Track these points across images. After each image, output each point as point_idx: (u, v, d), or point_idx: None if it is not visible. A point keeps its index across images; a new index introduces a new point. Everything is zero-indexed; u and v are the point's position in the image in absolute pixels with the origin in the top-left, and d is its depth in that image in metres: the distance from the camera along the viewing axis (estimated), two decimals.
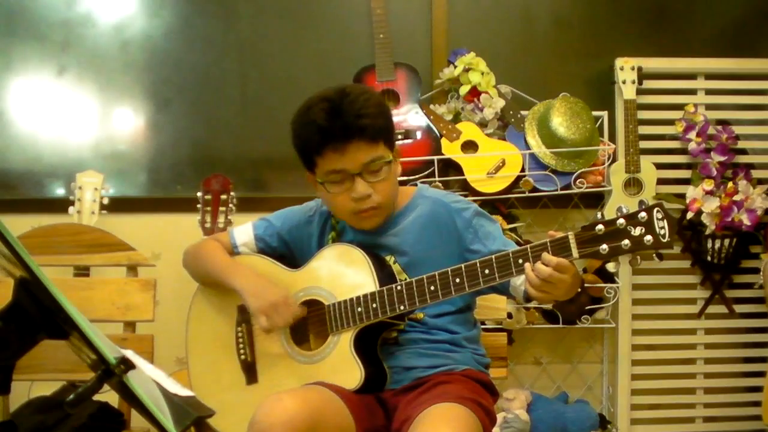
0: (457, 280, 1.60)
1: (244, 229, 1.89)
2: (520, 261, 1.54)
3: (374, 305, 1.66)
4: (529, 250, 1.53)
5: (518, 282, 1.65)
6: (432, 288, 1.62)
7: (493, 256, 1.57)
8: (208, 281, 1.87)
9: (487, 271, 1.57)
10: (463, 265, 1.60)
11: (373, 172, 1.68)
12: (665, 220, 1.44)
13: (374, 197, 1.68)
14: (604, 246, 1.47)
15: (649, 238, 1.44)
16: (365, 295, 1.66)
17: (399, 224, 1.77)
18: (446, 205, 1.77)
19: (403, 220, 1.77)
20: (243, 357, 1.81)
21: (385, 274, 1.69)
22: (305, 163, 1.73)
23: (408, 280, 1.66)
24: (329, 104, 1.65)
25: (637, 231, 1.45)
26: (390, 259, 1.75)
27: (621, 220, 1.46)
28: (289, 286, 1.77)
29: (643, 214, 1.45)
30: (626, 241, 1.45)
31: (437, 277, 1.62)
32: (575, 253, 1.49)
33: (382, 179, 1.68)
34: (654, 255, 1.48)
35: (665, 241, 1.44)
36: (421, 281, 1.63)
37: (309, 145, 1.68)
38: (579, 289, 1.71)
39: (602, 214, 1.52)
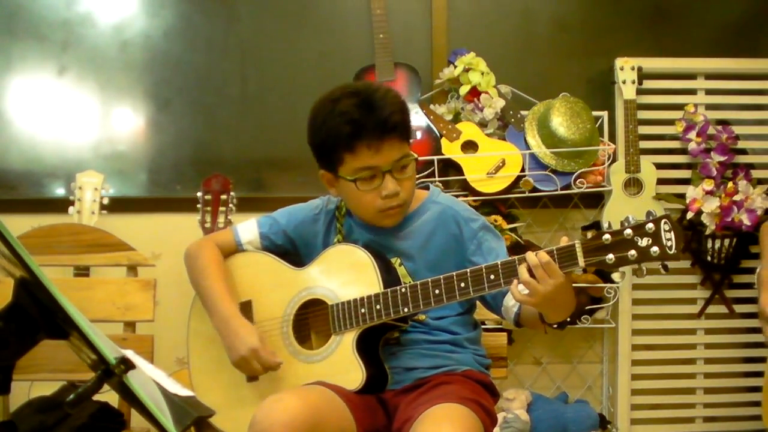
0: (462, 285, 1.60)
1: (248, 227, 1.88)
2: None
3: (378, 307, 1.65)
4: None
5: (510, 303, 1.67)
6: (437, 291, 1.62)
7: (498, 262, 1.57)
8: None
9: (492, 277, 1.57)
10: (468, 270, 1.60)
11: (402, 169, 1.67)
12: (672, 232, 1.44)
13: (401, 194, 1.68)
14: (611, 256, 1.47)
15: (655, 249, 1.44)
16: (369, 297, 1.66)
17: (408, 226, 1.77)
18: (456, 212, 1.77)
19: (412, 223, 1.77)
20: None
21: (389, 276, 1.69)
22: (326, 159, 1.69)
23: (412, 283, 1.66)
24: (360, 98, 1.62)
25: (643, 242, 1.45)
26: (396, 261, 1.75)
27: (628, 231, 1.46)
28: (293, 285, 1.78)
29: (650, 225, 1.45)
30: (633, 252, 1.45)
31: (442, 281, 1.62)
32: (581, 261, 1.48)
33: (408, 176, 1.69)
34: (660, 266, 1.48)
35: (672, 252, 1.44)
36: (426, 284, 1.63)
37: (338, 141, 1.63)
38: (568, 318, 1.71)
39: (609, 224, 1.51)
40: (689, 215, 2.98)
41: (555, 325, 1.66)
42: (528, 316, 1.66)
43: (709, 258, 3.05)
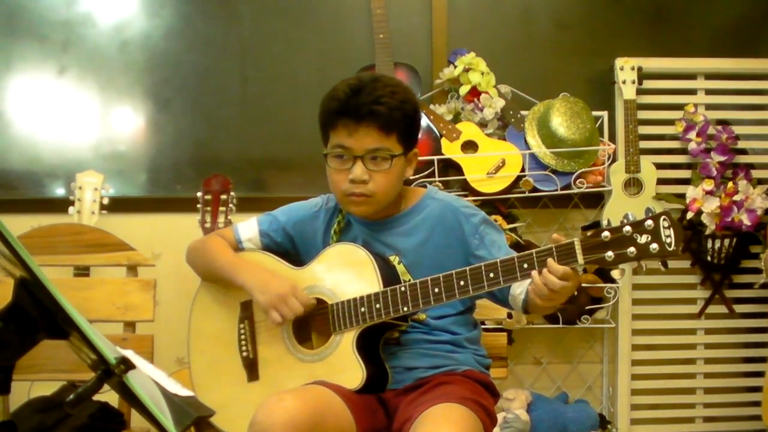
0: (462, 283, 1.60)
1: (248, 225, 1.89)
2: (525, 266, 1.54)
3: (378, 306, 1.66)
4: (534, 255, 1.54)
5: (517, 291, 1.66)
6: (436, 290, 1.62)
7: (498, 260, 1.58)
8: (213, 278, 1.87)
9: (491, 275, 1.57)
10: (467, 268, 1.60)
11: (375, 161, 1.68)
12: (671, 229, 1.45)
13: (369, 185, 1.69)
14: (610, 253, 1.47)
15: (654, 246, 1.44)
16: (369, 296, 1.67)
17: (406, 224, 1.77)
18: (455, 209, 1.77)
19: (411, 221, 1.78)
20: (245, 354, 1.81)
21: (389, 275, 1.69)
22: (322, 134, 1.75)
23: (412, 281, 1.66)
24: (356, 83, 1.68)
25: (643, 239, 1.45)
26: (394, 259, 1.75)
27: (627, 228, 1.46)
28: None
29: (649, 222, 1.45)
30: (632, 249, 1.46)
31: (441, 279, 1.62)
32: (580, 259, 1.49)
33: (382, 170, 1.69)
34: (659, 263, 1.48)
35: (671, 249, 1.44)
36: (426, 283, 1.63)
37: (326, 117, 1.71)
38: (575, 292, 1.71)
39: (608, 221, 1.51)
40: (689, 215, 2.98)
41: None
42: (536, 303, 1.65)
43: (709, 258, 3.05)
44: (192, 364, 1.88)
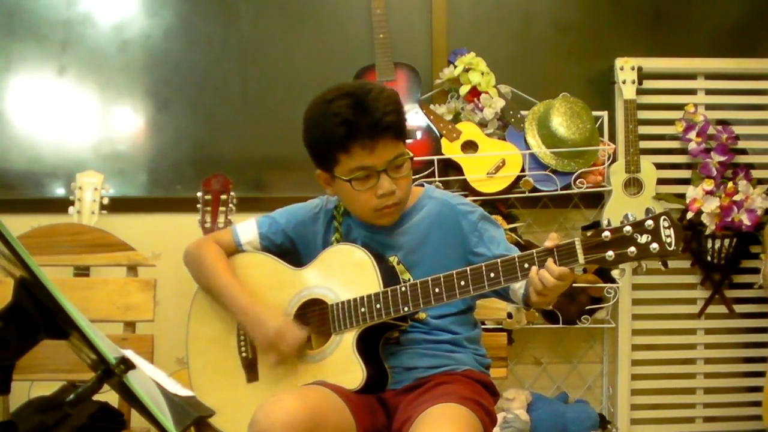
0: (462, 283, 1.60)
1: (248, 227, 1.88)
2: (526, 265, 1.54)
3: (378, 306, 1.66)
4: (535, 255, 1.54)
5: (517, 285, 1.66)
6: (437, 290, 1.62)
7: (498, 260, 1.58)
8: (207, 292, 1.87)
9: (492, 275, 1.57)
10: (468, 268, 1.60)
11: (397, 168, 1.68)
12: (672, 228, 1.45)
13: (397, 193, 1.69)
14: (610, 253, 1.47)
15: (655, 246, 1.45)
16: (369, 296, 1.67)
17: (405, 223, 1.78)
18: (453, 206, 1.77)
19: (410, 220, 1.78)
20: (244, 355, 1.81)
21: (388, 275, 1.69)
22: (322, 159, 1.70)
23: (412, 281, 1.66)
24: (353, 99, 1.63)
25: (643, 239, 1.46)
26: (393, 259, 1.75)
27: (627, 228, 1.47)
28: (293, 285, 1.78)
29: (649, 221, 1.46)
30: (632, 249, 1.46)
31: (442, 279, 1.62)
32: (581, 259, 1.49)
33: (404, 175, 1.69)
34: (659, 263, 1.49)
35: (671, 249, 1.45)
36: (426, 283, 1.63)
37: (332, 142, 1.64)
38: (569, 283, 1.73)
39: (608, 221, 1.52)
40: (689, 215, 2.98)
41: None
42: (532, 297, 1.65)
43: (709, 258, 3.05)
44: (191, 365, 1.88)
